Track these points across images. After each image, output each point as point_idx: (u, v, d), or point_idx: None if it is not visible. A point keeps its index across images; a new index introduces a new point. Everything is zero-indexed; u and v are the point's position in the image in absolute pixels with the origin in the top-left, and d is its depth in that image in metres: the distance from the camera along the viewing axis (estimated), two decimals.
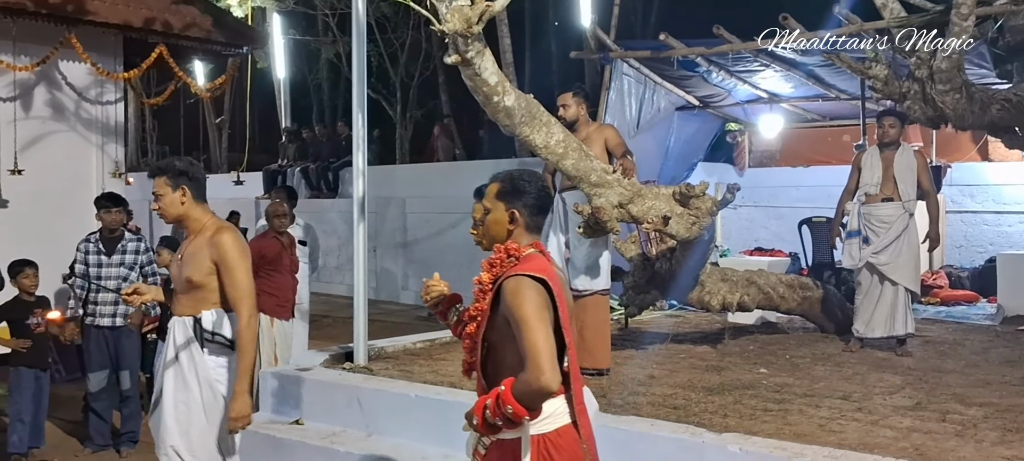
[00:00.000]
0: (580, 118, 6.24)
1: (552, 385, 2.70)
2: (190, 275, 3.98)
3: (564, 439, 2.83)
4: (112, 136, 9.49)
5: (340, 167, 16.13)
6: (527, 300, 2.76)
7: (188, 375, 3.98)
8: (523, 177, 3.00)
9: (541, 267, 2.84)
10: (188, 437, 3.96)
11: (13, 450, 6.25)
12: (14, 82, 8.55)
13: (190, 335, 3.97)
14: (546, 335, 2.73)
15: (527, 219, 2.95)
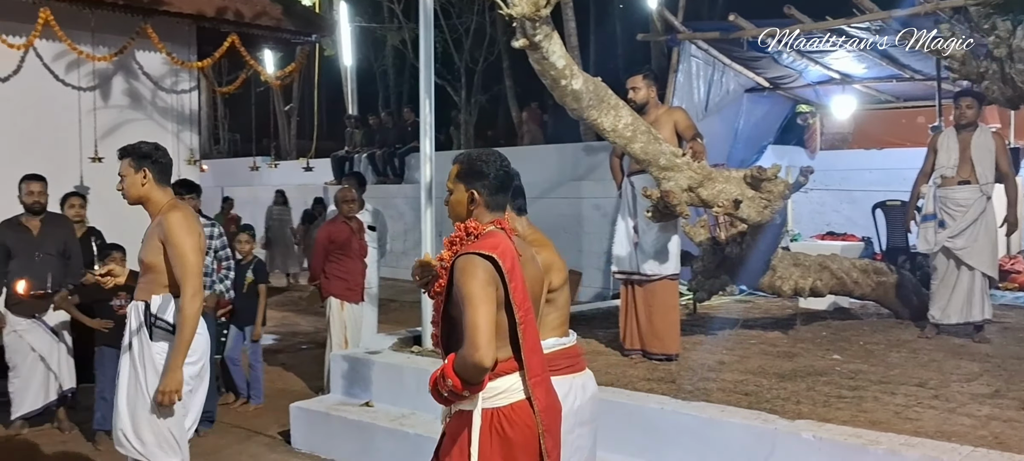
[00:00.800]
0: (650, 101, 6.19)
1: (485, 361, 2.74)
2: (143, 256, 4.01)
3: (517, 414, 2.89)
4: (187, 124, 9.71)
5: (406, 153, 16.26)
6: (471, 277, 2.82)
7: (137, 361, 3.99)
8: (482, 158, 3.07)
9: (494, 244, 2.89)
10: (136, 421, 3.97)
11: (97, 426, 6.47)
12: (94, 72, 8.80)
13: (141, 320, 3.98)
14: (486, 312, 2.78)
15: (486, 198, 3.01)
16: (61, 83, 8.60)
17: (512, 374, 2.91)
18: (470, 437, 2.87)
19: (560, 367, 3.49)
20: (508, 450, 2.88)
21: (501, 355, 2.88)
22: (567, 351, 3.57)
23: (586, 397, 3.56)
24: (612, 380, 5.58)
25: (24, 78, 8.30)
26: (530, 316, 2.94)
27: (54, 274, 6.53)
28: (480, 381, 2.82)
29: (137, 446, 3.98)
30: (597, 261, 11.85)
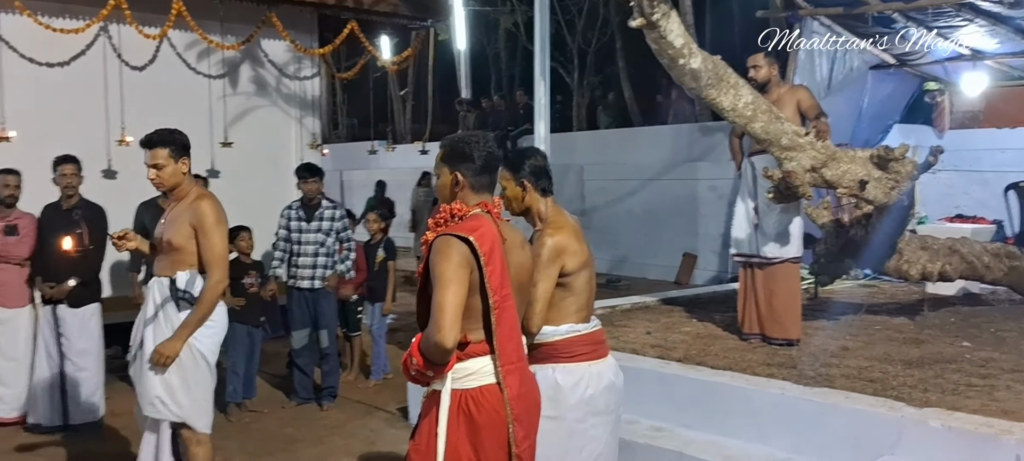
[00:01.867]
0: (771, 79, 6.05)
1: (447, 342, 2.77)
2: (171, 238, 4.25)
3: (486, 398, 2.89)
4: (309, 109, 10.01)
5: (518, 135, 16.32)
6: (445, 258, 2.84)
7: (164, 332, 4.23)
8: (466, 141, 3.07)
9: (474, 227, 2.90)
10: (168, 386, 4.22)
11: (229, 399, 6.78)
12: (222, 60, 9.16)
13: (166, 294, 4.24)
14: (455, 293, 2.79)
15: (471, 180, 3.02)
16: (192, 71, 8.99)
17: (483, 357, 2.92)
18: (438, 416, 2.89)
19: (575, 354, 3.46)
20: (474, 432, 2.88)
21: (473, 337, 2.90)
22: (584, 337, 3.52)
23: (601, 386, 3.49)
24: (730, 364, 5.51)
25: (158, 67, 8.70)
26: (508, 302, 2.93)
27: None
28: (444, 362, 2.84)
29: (176, 409, 4.27)
30: (713, 244, 11.67)
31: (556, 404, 3.35)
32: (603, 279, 12.55)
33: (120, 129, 8.24)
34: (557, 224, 3.53)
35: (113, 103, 8.27)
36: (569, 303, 3.49)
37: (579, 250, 3.51)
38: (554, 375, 3.42)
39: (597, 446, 3.49)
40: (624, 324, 6.90)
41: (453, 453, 2.87)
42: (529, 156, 3.61)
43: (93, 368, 6.54)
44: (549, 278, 3.41)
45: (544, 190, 3.58)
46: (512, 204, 3.58)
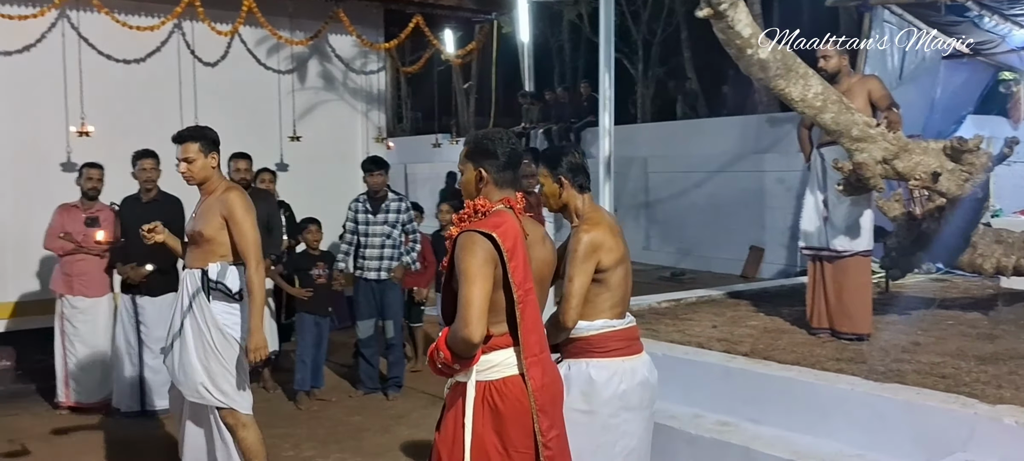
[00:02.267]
0: (842, 69, 5.94)
1: (474, 337, 2.83)
2: (202, 230, 4.43)
3: (510, 389, 2.94)
4: (375, 103, 10.13)
5: (582, 128, 16.29)
6: (470, 254, 2.89)
7: (200, 321, 4.42)
8: (489, 137, 3.12)
9: (497, 224, 2.94)
10: (210, 374, 4.40)
11: (297, 387, 6.93)
12: (291, 55, 9.33)
13: (198, 285, 4.42)
14: (480, 289, 2.85)
15: (495, 176, 3.08)
16: (262, 67, 9.17)
17: (506, 349, 2.97)
18: (464, 407, 2.94)
19: (609, 349, 3.48)
20: (499, 423, 2.93)
21: (496, 331, 2.95)
22: (617, 333, 3.52)
23: (634, 382, 3.50)
24: (798, 359, 5.44)
25: (230, 63, 8.90)
26: (531, 296, 2.98)
27: None
28: (470, 355, 2.90)
29: (219, 396, 4.44)
30: (781, 237, 11.50)
31: (589, 399, 3.39)
32: (667, 272, 12.49)
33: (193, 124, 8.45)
34: (593, 220, 3.55)
35: (186, 98, 8.48)
36: (604, 299, 3.51)
37: (615, 246, 3.53)
38: (588, 370, 3.46)
39: (630, 441, 3.50)
40: (689, 317, 6.85)
41: (479, 443, 2.92)
42: (566, 153, 3.64)
43: None
44: (584, 274, 3.44)
45: (581, 187, 3.61)
46: (549, 200, 3.63)
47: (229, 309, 4.45)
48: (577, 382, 3.43)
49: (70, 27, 7.93)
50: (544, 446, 2.94)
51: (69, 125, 7.80)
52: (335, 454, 5.84)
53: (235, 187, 4.61)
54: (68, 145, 7.81)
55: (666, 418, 5.34)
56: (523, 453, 2.94)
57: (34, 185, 7.64)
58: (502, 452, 2.93)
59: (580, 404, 3.36)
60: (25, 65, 7.79)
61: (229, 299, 4.45)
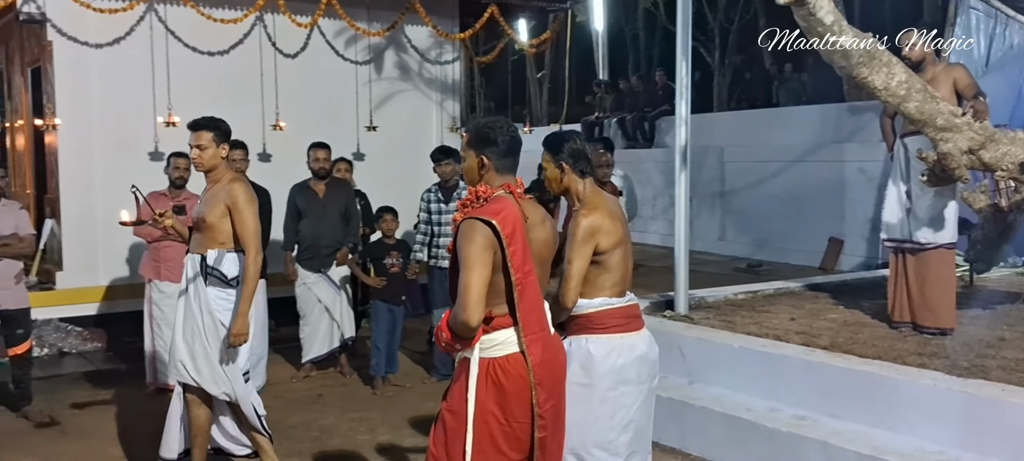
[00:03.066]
0: (926, 58, 5.79)
1: (471, 320, 3.00)
2: (205, 216, 4.60)
3: (511, 365, 3.12)
4: (450, 93, 10.23)
5: (656, 116, 16.16)
6: (469, 241, 3.04)
7: (193, 304, 4.61)
8: (490, 126, 3.27)
9: (497, 210, 3.08)
10: (193, 355, 4.59)
11: (373, 372, 7.06)
12: (368, 46, 9.48)
13: (197, 270, 4.60)
14: (479, 274, 3.01)
15: (496, 163, 3.22)
16: (340, 58, 9.34)
17: (507, 329, 3.13)
18: (468, 382, 3.13)
19: (607, 326, 3.65)
20: (502, 397, 3.12)
21: (498, 312, 3.12)
22: (616, 311, 3.68)
23: (632, 356, 3.66)
24: (879, 353, 5.33)
25: (309, 55, 9.09)
26: (530, 278, 3.14)
27: (336, 233, 7.16)
28: (469, 336, 3.07)
29: (194, 375, 4.63)
30: (861, 228, 11.24)
31: (588, 372, 3.59)
32: (743, 263, 12.33)
33: (275, 115, 8.65)
34: (592, 204, 3.68)
35: (268, 90, 8.68)
36: (604, 279, 3.66)
37: (613, 229, 3.66)
38: (587, 345, 3.64)
39: (627, 413, 3.66)
40: (767, 309, 6.77)
41: (482, 413, 3.12)
42: (568, 139, 3.77)
43: (258, 339, 6.92)
44: (582, 256, 3.60)
45: (582, 172, 3.73)
46: (552, 185, 3.78)
47: (223, 294, 4.63)
48: (577, 357, 3.62)
49: (158, 21, 8.20)
50: (539, 416, 3.14)
51: (157, 116, 8.07)
52: (410, 439, 5.93)
53: (240, 178, 4.79)
54: (156, 135, 8.08)
55: (742, 411, 5.30)
56: (521, 423, 3.15)
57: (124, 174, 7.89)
58: (502, 422, 3.13)
59: (580, 377, 3.57)
60: (116, 58, 8.08)
61: (224, 285, 4.62)
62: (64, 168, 8.11)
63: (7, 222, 6.08)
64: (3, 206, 6.13)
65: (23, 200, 8.49)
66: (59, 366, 7.89)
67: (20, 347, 6.26)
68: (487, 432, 3.12)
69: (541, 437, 3.17)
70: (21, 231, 6.13)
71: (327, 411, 6.47)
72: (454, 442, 3.16)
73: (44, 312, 7.80)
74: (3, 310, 6.12)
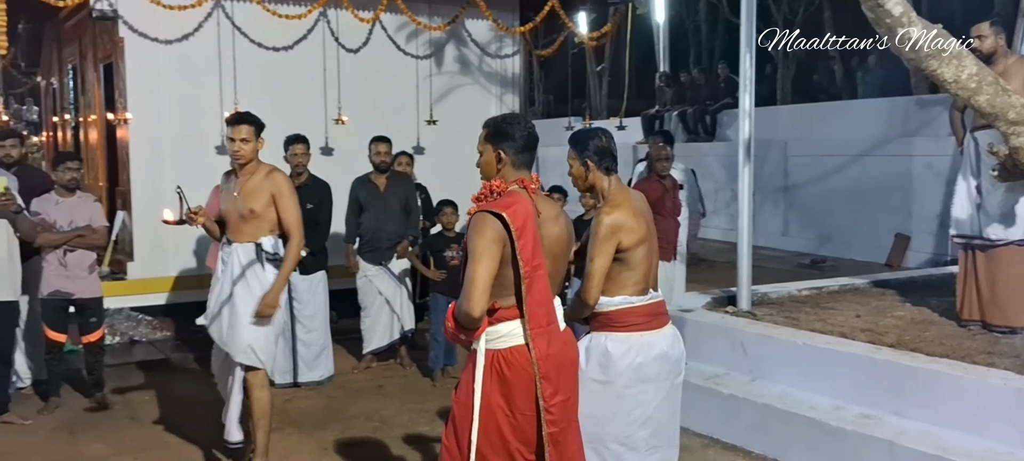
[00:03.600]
0: (997, 50, 5.63)
1: (474, 311, 3.04)
2: (252, 206, 4.85)
3: (515, 358, 3.15)
4: (509, 87, 10.25)
5: (718, 110, 15.98)
6: (478, 234, 3.09)
7: (254, 288, 4.82)
8: (507, 121, 3.33)
9: (509, 203, 3.13)
10: (257, 336, 4.83)
11: (432, 364, 7.12)
12: (429, 41, 9.54)
13: (253, 256, 4.85)
14: (486, 267, 3.05)
15: (512, 157, 3.26)
16: (401, 52, 9.42)
17: (513, 321, 3.17)
18: (474, 373, 3.18)
19: (628, 324, 3.65)
20: (506, 388, 3.16)
21: (504, 304, 3.16)
22: (637, 310, 3.67)
23: (651, 355, 3.65)
24: (947, 352, 5.21)
25: (371, 50, 9.19)
26: (539, 272, 3.16)
27: (397, 226, 7.23)
28: (472, 327, 3.11)
29: (263, 356, 4.89)
30: (928, 224, 10.97)
31: (606, 370, 3.61)
32: (806, 259, 12.14)
33: (337, 109, 8.77)
34: (615, 202, 3.68)
35: (330, 84, 8.80)
36: (626, 277, 3.67)
37: (636, 227, 3.66)
38: (606, 342, 3.65)
39: (645, 410, 3.67)
40: (831, 306, 6.66)
41: (487, 404, 3.16)
42: (593, 137, 3.77)
43: (321, 330, 7.07)
44: (605, 254, 3.61)
45: (607, 169, 3.75)
46: (577, 182, 3.81)
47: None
48: (595, 354, 3.65)
49: (225, 17, 8.36)
50: (546, 410, 3.15)
51: (223, 110, 8.23)
52: None
53: (279, 169, 5.03)
54: (222, 129, 8.24)
55: (805, 409, 5.23)
56: (526, 416, 3.16)
57: (192, 167, 8.11)
58: (508, 414, 3.16)
59: (597, 374, 3.61)
60: (184, 53, 8.27)
61: (279, 266, 4.91)
62: (135, 161, 8.33)
63: (82, 213, 6.28)
64: (78, 198, 6.33)
65: (96, 192, 8.74)
66: (129, 353, 8.12)
67: (93, 335, 6.47)
68: (493, 422, 3.17)
69: (552, 433, 3.16)
70: (94, 223, 6.32)
71: (387, 402, 6.55)
72: (462, 432, 3.21)
73: (116, 301, 8.02)
74: (77, 299, 6.31)
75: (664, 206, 7.48)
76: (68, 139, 11.18)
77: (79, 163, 6.71)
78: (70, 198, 6.28)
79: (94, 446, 5.67)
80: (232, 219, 4.95)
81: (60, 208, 6.23)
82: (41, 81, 13.44)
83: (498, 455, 3.17)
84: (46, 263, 6.22)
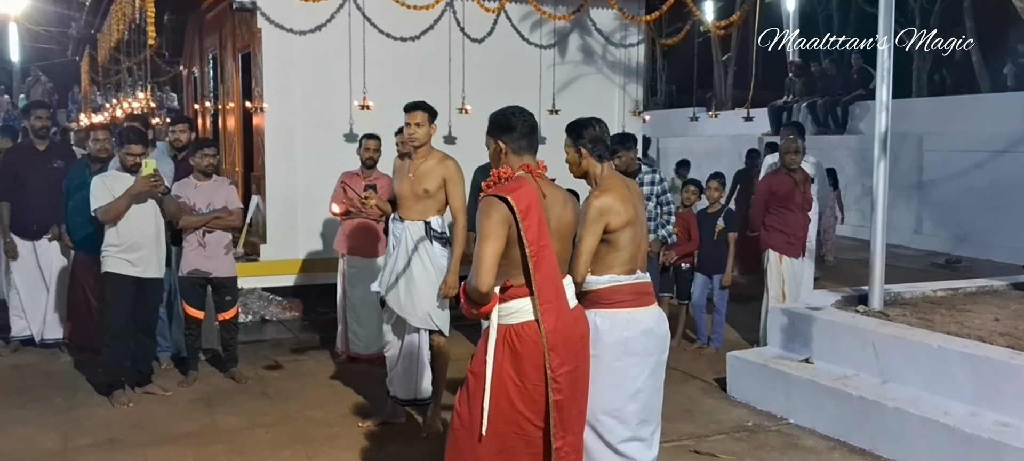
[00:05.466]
0: None
1: (482, 287, 3.34)
2: (427, 187, 5.33)
3: (526, 332, 3.41)
4: (632, 77, 10.16)
5: (850, 102, 15.45)
6: (485, 216, 3.37)
7: (426, 262, 5.34)
8: (507, 113, 3.62)
9: (514, 188, 3.41)
10: (433, 305, 5.34)
11: None
12: (553, 30, 9.55)
13: (422, 234, 5.36)
14: (492, 246, 3.34)
15: (513, 146, 3.56)
16: (525, 42, 9.46)
17: (523, 298, 3.43)
18: (487, 346, 3.44)
19: (614, 302, 3.88)
20: (517, 361, 3.41)
21: (515, 282, 3.44)
22: (624, 288, 3.90)
23: (637, 331, 3.88)
24: None
25: (495, 39, 9.26)
26: (546, 252, 3.42)
27: None
28: (482, 302, 3.40)
29: (438, 321, 5.44)
30: None
31: (594, 344, 3.78)
32: (941, 259, 11.64)
33: (461, 98, 8.89)
34: (606, 187, 3.93)
35: (455, 74, 8.92)
36: (613, 257, 3.91)
37: (623, 211, 3.89)
38: (594, 319, 3.83)
39: (633, 384, 3.89)
40: (968, 308, 6.36)
41: (499, 375, 3.42)
42: (587, 126, 4.02)
43: None
44: (592, 235, 3.85)
45: (599, 157, 3.99)
46: (572, 168, 4.07)
47: (444, 252, 5.42)
48: None
49: (356, 8, 8.58)
50: (553, 380, 3.40)
51: (352, 99, 8.46)
52: None
53: (451, 156, 5.45)
54: (351, 117, 8.48)
55: (939, 414, 5.03)
56: (536, 385, 3.42)
57: (322, 153, 8.39)
58: (518, 384, 3.42)
59: None
60: (317, 44, 8.54)
61: (445, 244, 5.43)
62: (269, 148, 8.66)
63: (218, 196, 6.58)
64: (215, 182, 6.64)
65: (232, 177, 9.13)
66: (261, 332, 8.46)
67: (228, 312, 6.77)
68: (504, 391, 3.42)
69: (557, 399, 3.43)
70: (230, 205, 6.62)
71: None
72: (475, 399, 3.47)
73: (249, 282, 8.36)
74: (214, 277, 6.62)
75: (793, 200, 7.30)
76: (207, 126, 11.71)
77: (216, 149, 7.02)
78: (207, 182, 6.59)
79: (229, 419, 5.94)
80: (405, 197, 5.45)
81: (198, 191, 6.55)
82: (183, 70, 14.11)
83: (506, 422, 3.44)
84: (186, 243, 6.55)
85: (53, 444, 5.48)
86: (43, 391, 6.49)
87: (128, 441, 5.52)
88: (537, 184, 3.50)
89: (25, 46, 25.54)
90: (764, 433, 5.75)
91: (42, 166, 7.33)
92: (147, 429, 5.73)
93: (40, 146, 7.44)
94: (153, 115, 13.11)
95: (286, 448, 5.37)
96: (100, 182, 6.11)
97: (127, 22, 11.20)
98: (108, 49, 14.65)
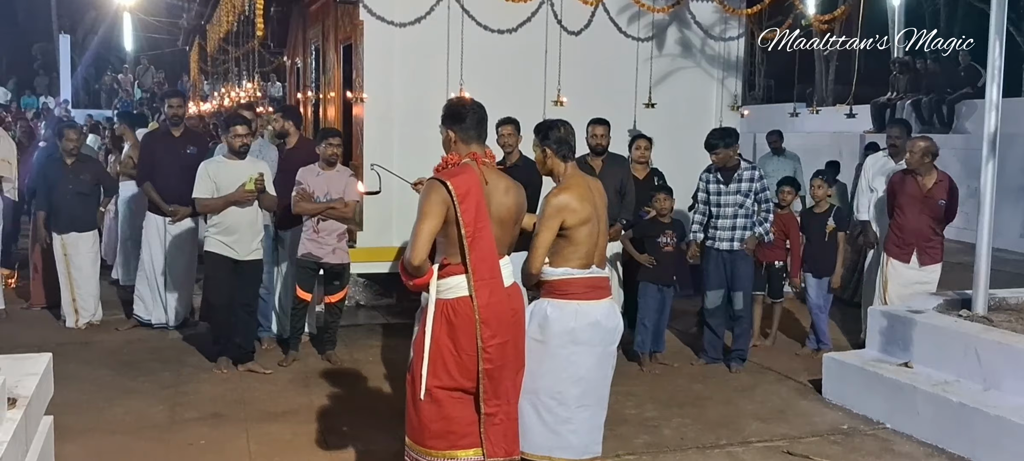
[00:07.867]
0: None
1: (413, 260, 3.66)
2: None
3: (461, 306, 3.73)
4: (731, 71, 10.00)
5: (956, 100, 14.90)
6: (425, 197, 3.70)
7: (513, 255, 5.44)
8: (457, 104, 4.02)
9: (455, 173, 3.73)
10: None
11: (638, 348, 7.14)
12: (651, 23, 9.47)
13: None
14: (427, 225, 3.66)
15: (461, 135, 3.87)
16: (623, 35, 9.41)
17: (459, 275, 3.73)
18: (426, 319, 3.76)
19: (567, 293, 4.13)
20: (453, 331, 3.73)
21: (452, 260, 3.74)
22: (578, 281, 4.14)
23: (585, 322, 4.11)
24: None
25: (592, 32, 9.23)
26: (482, 233, 3.70)
27: (611, 208, 7.26)
28: (416, 275, 3.72)
29: None
30: None
31: (543, 331, 4.10)
32: None
33: (556, 91, 8.92)
34: (567, 186, 4.19)
35: (551, 66, 8.95)
36: (570, 252, 4.14)
37: (581, 209, 4.12)
38: (546, 307, 4.15)
39: (577, 370, 4.13)
40: None
41: (436, 346, 3.74)
42: (553, 128, 4.26)
43: None
44: (548, 229, 4.11)
45: (564, 156, 4.25)
46: (539, 165, 4.33)
47: None
48: (536, 316, 4.14)
49: (455, 1, 8.70)
50: (484, 350, 3.72)
51: (449, 91, 8.58)
52: (677, 418, 5.97)
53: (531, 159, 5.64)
54: None
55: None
56: (470, 355, 3.73)
57: (418, 145, 8.52)
58: (454, 354, 3.73)
59: (536, 334, 4.10)
60: (417, 37, 8.68)
61: None
62: (368, 138, 8.84)
63: (337, 186, 6.88)
64: (337, 172, 6.97)
65: None
66: (355, 317, 8.69)
67: (336, 296, 7.08)
68: (441, 359, 3.74)
69: (487, 368, 3.74)
70: (347, 196, 6.93)
71: None
72: (416, 366, 3.80)
73: None
74: (325, 263, 6.92)
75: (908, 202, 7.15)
76: (309, 115, 12.03)
77: (340, 139, 7.27)
78: (330, 171, 6.91)
79: (324, 399, 6.14)
80: None
81: (319, 179, 6.86)
82: (286, 60, 14.51)
83: (443, 384, 3.75)
84: (303, 229, 6.88)
85: (161, 417, 5.77)
86: (152, 366, 6.83)
87: (230, 416, 5.77)
88: (480, 171, 3.79)
89: (139, 35, 26.62)
90: (859, 437, 5.65)
91: (176, 151, 7.76)
92: (248, 405, 5.97)
93: (175, 132, 7.89)
94: (258, 104, 13.54)
95: (380, 431, 5.50)
96: (204, 170, 6.51)
97: (236, 13, 11.59)
98: (217, 39, 15.18)
